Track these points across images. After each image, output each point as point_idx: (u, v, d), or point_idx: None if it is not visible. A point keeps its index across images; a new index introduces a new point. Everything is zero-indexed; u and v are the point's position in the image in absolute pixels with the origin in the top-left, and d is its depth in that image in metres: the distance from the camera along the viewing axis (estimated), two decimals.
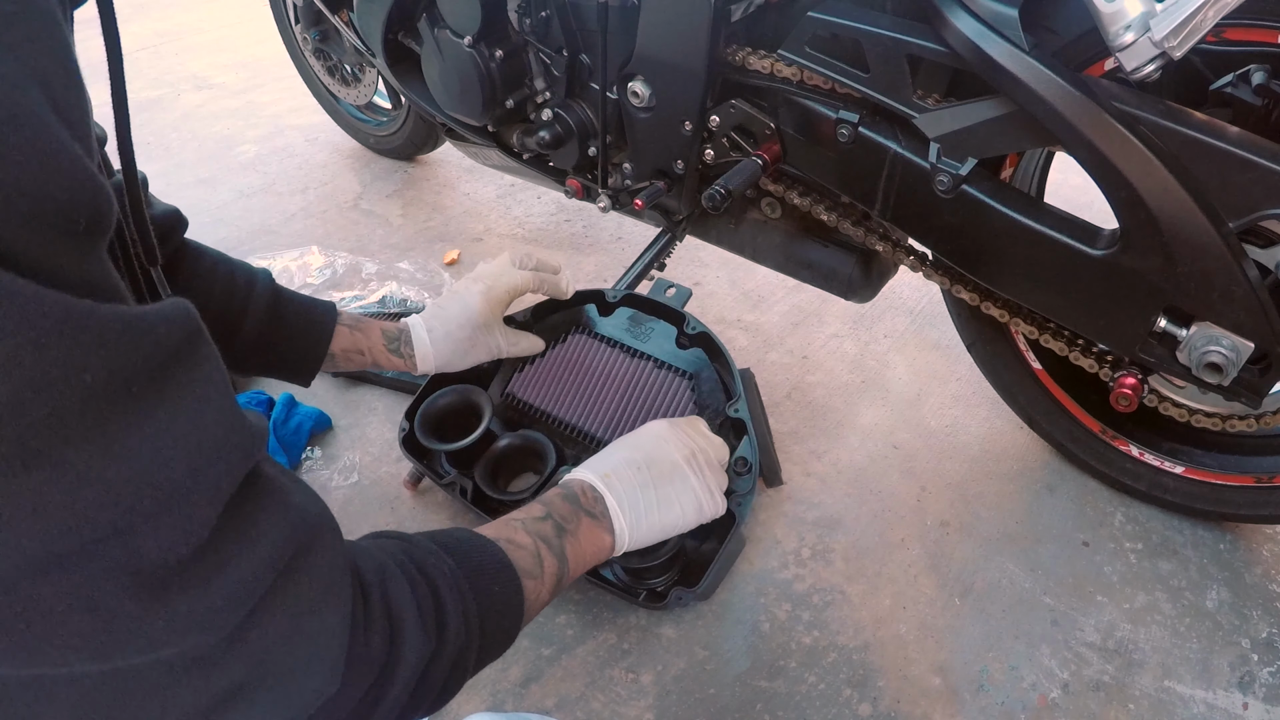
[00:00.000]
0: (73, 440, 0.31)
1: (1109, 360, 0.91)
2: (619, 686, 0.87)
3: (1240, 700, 0.87)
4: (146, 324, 0.33)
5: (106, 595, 0.33)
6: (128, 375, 0.32)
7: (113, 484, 0.32)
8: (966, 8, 0.73)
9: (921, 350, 1.33)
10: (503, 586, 0.59)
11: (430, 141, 1.74)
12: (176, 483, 0.34)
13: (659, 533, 0.76)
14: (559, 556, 0.65)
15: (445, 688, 0.52)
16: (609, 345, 1.05)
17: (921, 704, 0.86)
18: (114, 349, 0.32)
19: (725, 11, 0.86)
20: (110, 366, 0.32)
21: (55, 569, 0.31)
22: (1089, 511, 1.07)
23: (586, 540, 0.70)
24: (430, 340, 0.95)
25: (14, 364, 0.29)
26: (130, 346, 0.32)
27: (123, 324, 0.32)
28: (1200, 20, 0.62)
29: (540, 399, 1.05)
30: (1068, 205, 0.86)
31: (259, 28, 2.50)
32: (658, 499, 0.76)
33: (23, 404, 0.29)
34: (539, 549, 0.64)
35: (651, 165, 1.04)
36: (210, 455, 0.36)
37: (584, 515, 0.71)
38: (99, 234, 0.33)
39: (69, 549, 0.31)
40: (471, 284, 0.99)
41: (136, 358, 0.33)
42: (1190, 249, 0.72)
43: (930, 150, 0.82)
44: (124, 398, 0.32)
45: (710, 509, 0.80)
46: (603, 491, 0.73)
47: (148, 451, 0.33)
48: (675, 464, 0.78)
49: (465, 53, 1.04)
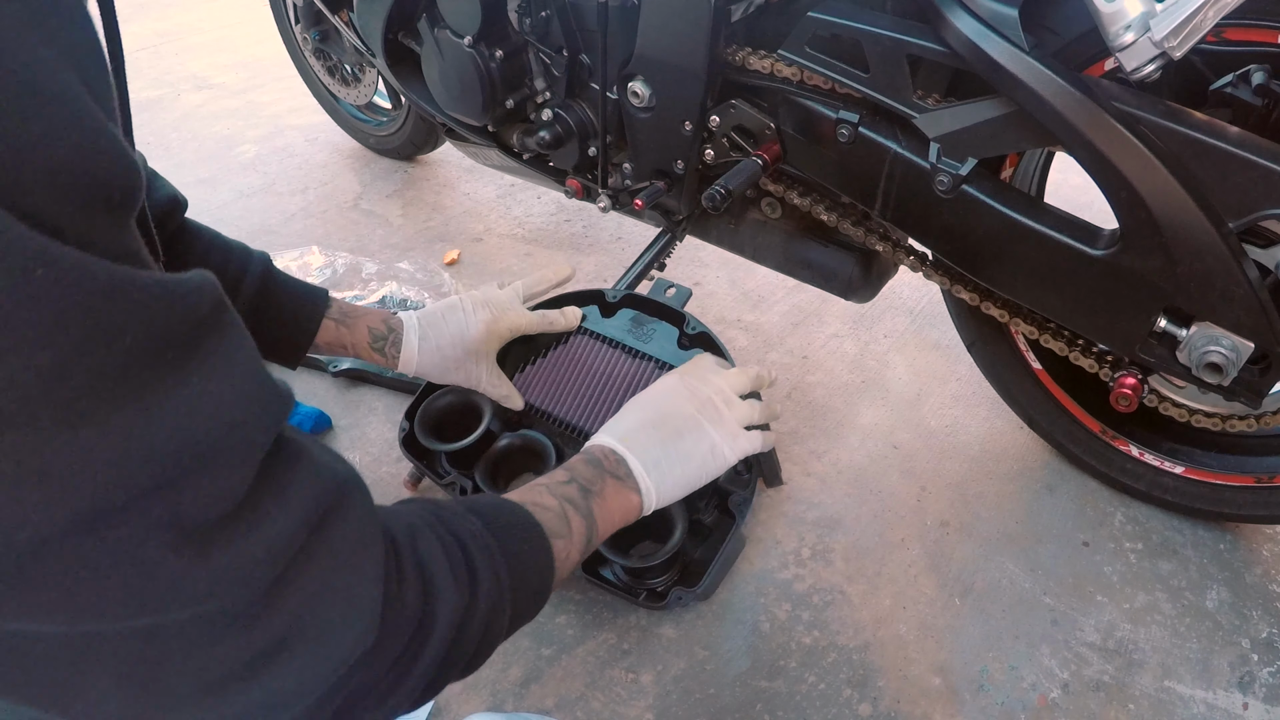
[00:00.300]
0: (115, 401, 0.32)
1: (1109, 360, 0.91)
2: (619, 686, 0.87)
3: (1240, 700, 0.87)
4: (180, 290, 0.34)
5: (149, 550, 0.34)
6: (165, 339, 0.34)
7: (154, 442, 0.33)
8: (966, 8, 0.73)
9: (921, 350, 1.33)
10: (531, 546, 0.59)
11: (430, 141, 1.74)
12: (214, 441, 0.35)
13: (685, 486, 0.77)
14: (586, 516, 0.66)
15: (479, 648, 0.53)
16: (611, 346, 1.05)
17: (921, 704, 0.86)
18: (152, 314, 0.33)
19: (725, 11, 0.86)
20: (149, 330, 0.33)
21: (100, 525, 0.32)
22: (1089, 511, 1.07)
23: (613, 500, 0.70)
24: (418, 349, 0.94)
25: (60, 328, 0.30)
26: (167, 311, 0.34)
27: (160, 289, 0.33)
28: (1200, 20, 0.62)
29: (542, 399, 1.04)
30: (1068, 205, 0.86)
31: (259, 28, 2.50)
32: (678, 454, 0.76)
33: (68, 366, 0.30)
34: (565, 510, 0.65)
35: (651, 165, 1.04)
36: (244, 415, 0.37)
37: (609, 477, 0.72)
38: (130, 207, 0.34)
39: (113, 505, 0.32)
40: (478, 308, 0.97)
41: (172, 323, 0.34)
42: (1190, 249, 0.72)
43: (930, 150, 0.82)
44: (162, 361, 0.34)
45: (735, 454, 0.80)
46: (623, 453, 0.74)
47: (186, 412, 0.34)
48: (689, 416, 0.79)
49: (465, 53, 1.04)
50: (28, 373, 0.29)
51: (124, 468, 0.32)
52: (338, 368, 1.24)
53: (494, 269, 1.52)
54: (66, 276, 0.30)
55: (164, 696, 0.37)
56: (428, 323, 0.96)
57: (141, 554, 0.34)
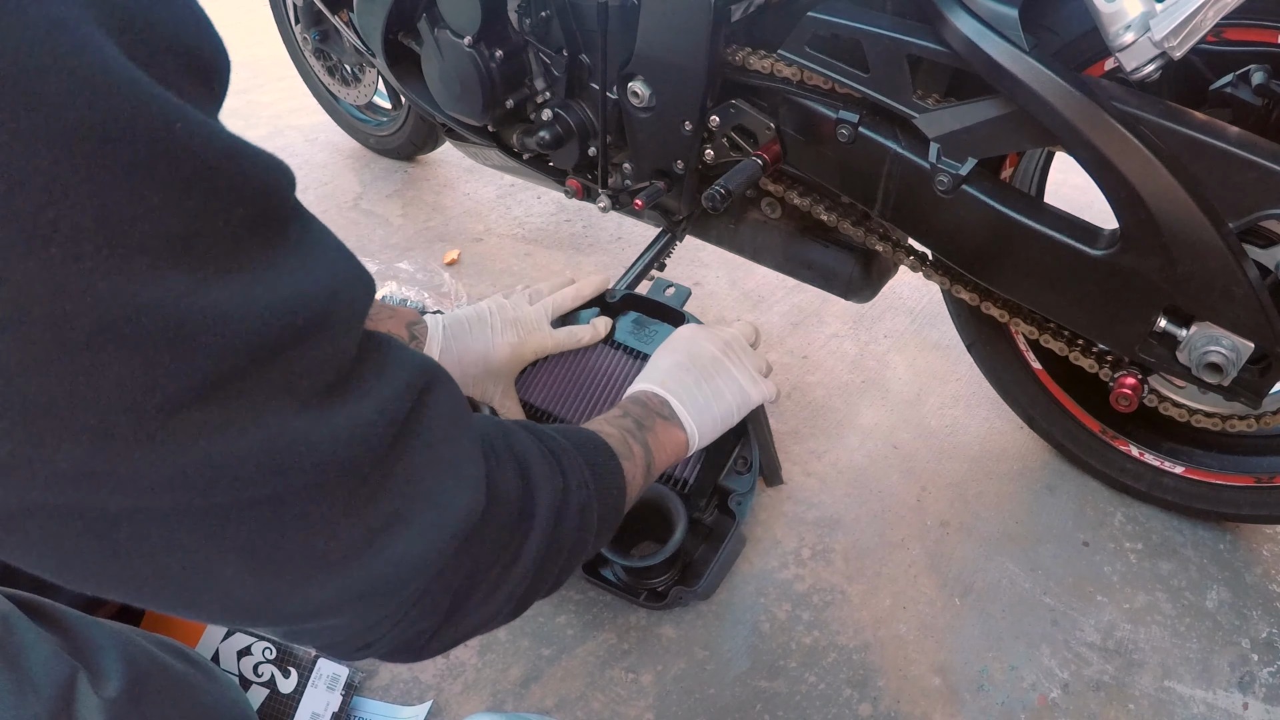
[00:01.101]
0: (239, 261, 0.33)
1: (1109, 360, 0.91)
2: (619, 686, 0.87)
3: (1240, 700, 0.87)
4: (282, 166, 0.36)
5: (273, 411, 0.35)
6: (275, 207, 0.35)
7: (272, 303, 0.34)
8: (966, 8, 0.73)
9: (921, 350, 1.33)
10: (606, 459, 0.62)
11: (430, 141, 1.74)
12: (323, 305, 0.36)
13: (720, 424, 0.81)
14: (644, 446, 0.69)
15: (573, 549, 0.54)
16: (613, 348, 1.05)
17: (921, 704, 0.86)
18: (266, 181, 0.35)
19: (725, 11, 0.86)
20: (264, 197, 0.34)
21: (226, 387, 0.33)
22: (1089, 511, 1.07)
23: (664, 435, 0.74)
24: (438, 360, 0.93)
25: (198, 180, 0.31)
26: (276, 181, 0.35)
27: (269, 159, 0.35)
28: (1200, 20, 0.62)
29: (543, 400, 1.04)
30: (1068, 205, 0.86)
31: (259, 28, 2.50)
32: (713, 392, 0.80)
33: (201, 222, 0.31)
34: (625, 437, 0.68)
35: (651, 165, 1.04)
36: (345, 283, 0.38)
37: (656, 416, 0.75)
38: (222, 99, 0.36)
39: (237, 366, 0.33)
40: (506, 328, 0.95)
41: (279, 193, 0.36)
42: (1190, 249, 0.72)
43: (930, 150, 0.82)
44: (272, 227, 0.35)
45: (757, 394, 0.84)
46: (665, 395, 0.78)
47: (297, 276, 0.35)
48: (715, 357, 0.83)
49: (465, 53, 1.04)
50: (167, 224, 0.30)
51: (245, 331, 0.33)
52: None
53: (494, 269, 1.52)
54: (199, 134, 0.31)
55: (290, 572, 0.38)
56: (452, 334, 0.93)
57: (265, 415, 0.34)
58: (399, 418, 0.41)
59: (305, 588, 0.39)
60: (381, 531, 0.40)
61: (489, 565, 0.48)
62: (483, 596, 0.48)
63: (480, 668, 0.88)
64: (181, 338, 0.31)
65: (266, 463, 0.35)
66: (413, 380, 0.43)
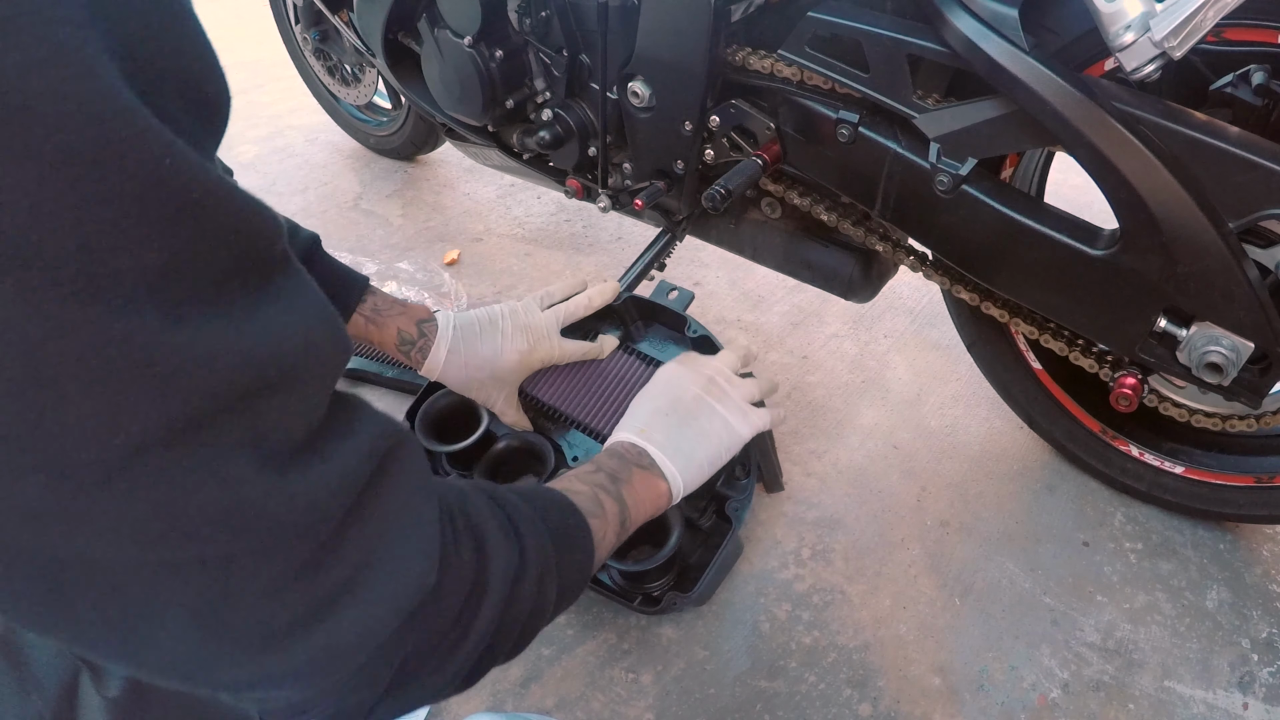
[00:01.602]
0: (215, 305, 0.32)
1: (1109, 360, 0.91)
2: (619, 686, 0.87)
3: (1240, 700, 0.87)
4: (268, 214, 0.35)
5: (234, 466, 0.34)
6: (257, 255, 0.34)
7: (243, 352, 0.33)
8: (966, 8, 0.73)
9: (921, 350, 1.33)
10: (570, 522, 0.60)
11: (430, 141, 1.74)
12: (296, 359, 0.35)
13: (708, 467, 0.78)
14: (617, 500, 0.67)
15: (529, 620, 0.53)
16: (625, 352, 1.05)
17: (921, 704, 0.86)
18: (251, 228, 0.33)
19: (725, 11, 0.86)
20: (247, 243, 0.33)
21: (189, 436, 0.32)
22: (1089, 511, 1.07)
23: (642, 487, 0.71)
24: (445, 360, 0.91)
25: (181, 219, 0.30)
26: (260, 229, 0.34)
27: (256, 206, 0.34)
28: (1200, 20, 0.62)
29: (552, 397, 1.05)
30: (1068, 205, 0.86)
31: (259, 28, 2.50)
32: (696, 434, 0.77)
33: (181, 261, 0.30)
34: (596, 493, 0.66)
35: (651, 165, 1.04)
36: (321, 338, 0.37)
37: (634, 467, 0.72)
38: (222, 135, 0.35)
39: (203, 414, 0.32)
40: (517, 334, 0.94)
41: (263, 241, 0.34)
42: (1190, 249, 0.72)
43: (930, 150, 0.82)
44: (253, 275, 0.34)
45: (748, 429, 0.81)
46: (643, 445, 0.75)
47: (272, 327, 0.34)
48: (697, 397, 0.80)
49: (465, 53, 1.04)
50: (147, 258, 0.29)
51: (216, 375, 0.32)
52: None
53: (494, 269, 1.52)
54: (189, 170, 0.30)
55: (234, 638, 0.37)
56: (461, 335, 0.92)
57: (226, 469, 0.33)
58: (359, 485, 0.40)
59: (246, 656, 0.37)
60: (330, 602, 0.39)
61: (437, 639, 0.46)
62: (430, 669, 0.46)
63: None
64: (151, 376, 0.30)
65: (221, 520, 0.34)
66: (377, 446, 0.42)
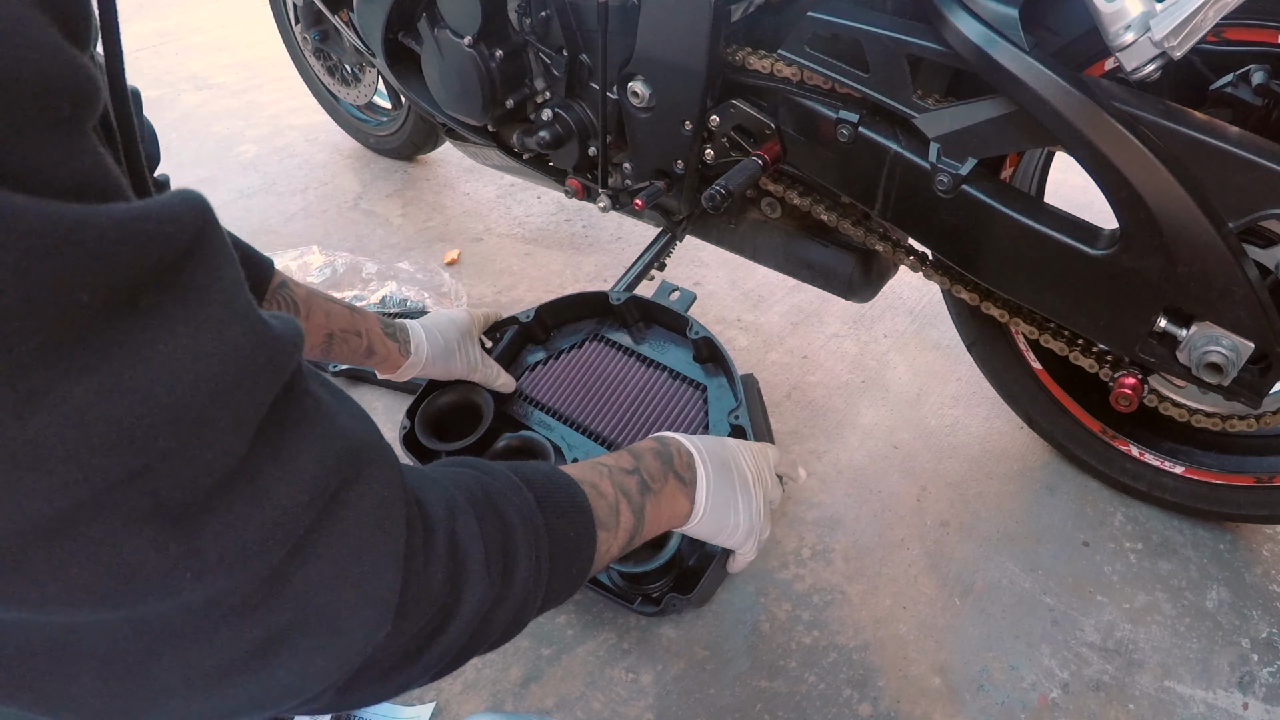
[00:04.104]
0: (73, 372, 0.27)
1: (1109, 360, 0.90)
2: (619, 686, 0.87)
3: (1240, 700, 0.87)
4: (151, 224, 0.28)
5: (127, 548, 0.29)
6: (132, 288, 0.28)
7: (123, 420, 0.28)
8: (966, 8, 0.73)
9: (921, 350, 1.33)
10: (578, 532, 0.56)
11: (430, 141, 1.74)
12: (197, 410, 0.30)
13: (717, 529, 0.73)
14: (637, 514, 0.63)
15: (506, 632, 0.50)
16: (624, 353, 1.05)
17: (921, 704, 0.86)
18: (113, 260, 0.27)
19: (725, 11, 0.86)
20: (110, 281, 0.27)
21: (67, 526, 0.28)
22: (1089, 511, 1.07)
23: (667, 502, 0.67)
24: (425, 334, 0.99)
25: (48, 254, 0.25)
26: (132, 254, 0.28)
27: (120, 229, 0.27)
28: (1200, 20, 0.62)
29: (553, 398, 1.05)
30: (1068, 205, 0.86)
31: (259, 28, 2.50)
32: (733, 501, 0.73)
33: (6, 338, 0.25)
34: (619, 502, 0.61)
35: (651, 165, 1.04)
36: (235, 373, 0.31)
37: (672, 476, 0.68)
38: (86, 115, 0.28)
39: (80, 501, 0.28)
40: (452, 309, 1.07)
41: (141, 266, 0.28)
42: (1190, 249, 0.72)
43: (930, 150, 0.82)
44: (129, 315, 0.28)
45: (758, 531, 0.77)
46: (698, 460, 0.71)
47: (162, 376, 0.29)
48: (748, 480, 0.76)
49: (465, 53, 1.04)
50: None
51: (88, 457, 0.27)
52: (337, 367, 1.24)
53: (494, 269, 1.52)
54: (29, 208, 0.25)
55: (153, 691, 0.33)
56: (422, 320, 1.02)
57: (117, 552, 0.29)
58: (299, 530, 0.34)
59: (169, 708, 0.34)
60: (261, 653, 0.34)
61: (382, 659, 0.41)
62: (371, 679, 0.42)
63: (480, 668, 0.88)
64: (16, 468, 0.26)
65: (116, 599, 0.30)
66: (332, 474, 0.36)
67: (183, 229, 0.30)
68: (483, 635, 0.47)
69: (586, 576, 0.58)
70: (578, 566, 0.56)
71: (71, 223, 0.26)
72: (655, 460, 0.68)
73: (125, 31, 0.41)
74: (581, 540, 0.56)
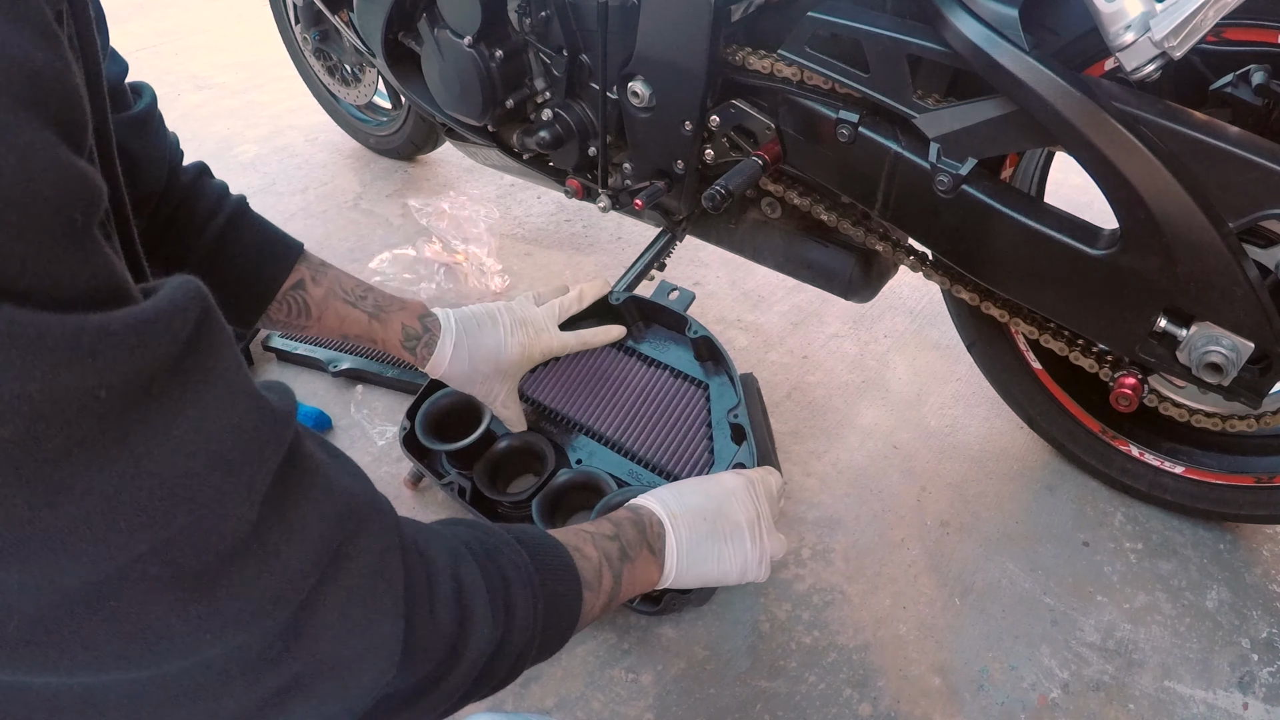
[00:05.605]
0: (96, 462, 0.29)
1: (1109, 360, 0.91)
2: (619, 686, 0.87)
3: (1240, 700, 0.87)
4: (161, 322, 0.31)
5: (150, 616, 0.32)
6: (145, 380, 0.31)
7: (144, 501, 0.31)
8: (967, 8, 0.73)
9: (921, 350, 1.33)
10: (566, 590, 0.59)
11: (430, 141, 1.74)
12: (211, 485, 0.33)
13: (702, 581, 0.75)
14: (616, 578, 0.66)
15: (505, 677, 0.53)
16: (625, 353, 1.05)
17: (921, 704, 0.86)
18: (128, 359, 0.30)
19: (725, 11, 0.86)
20: (126, 377, 0.30)
21: (94, 599, 0.30)
22: (1089, 511, 1.07)
23: (641, 570, 0.70)
24: (450, 356, 0.91)
25: (22, 400, 0.27)
26: (145, 351, 0.30)
27: (134, 334, 0.30)
28: (1200, 20, 0.62)
29: (554, 399, 1.04)
30: (1068, 205, 0.86)
31: (259, 28, 2.50)
32: (715, 553, 0.75)
33: (36, 439, 0.27)
34: (602, 565, 0.64)
35: (651, 165, 1.04)
36: (243, 447, 0.34)
37: (645, 547, 0.71)
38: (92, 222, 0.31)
39: (106, 576, 0.30)
40: (516, 328, 0.94)
41: (152, 360, 0.31)
42: (1190, 249, 0.72)
43: (930, 150, 0.82)
44: (144, 405, 0.31)
45: (754, 574, 0.78)
46: (668, 531, 0.73)
47: (178, 457, 0.32)
48: (738, 525, 0.77)
49: (465, 53, 1.04)
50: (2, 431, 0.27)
51: (113, 536, 0.30)
52: (338, 368, 1.24)
53: (493, 269, 1.51)
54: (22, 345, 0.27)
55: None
56: (464, 329, 0.92)
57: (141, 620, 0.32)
58: (305, 587, 0.37)
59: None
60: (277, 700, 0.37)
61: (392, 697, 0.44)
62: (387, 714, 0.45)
63: None
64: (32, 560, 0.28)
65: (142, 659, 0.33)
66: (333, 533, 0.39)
67: (187, 321, 0.32)
68: (484, 680, 0.50)
69: (572, 634, 0.60)
70: (566, 622, 0.59)
71: (93, 333, 0.29)
72: (633, 530, 0.71)
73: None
74: (570, 598, 0.59)
